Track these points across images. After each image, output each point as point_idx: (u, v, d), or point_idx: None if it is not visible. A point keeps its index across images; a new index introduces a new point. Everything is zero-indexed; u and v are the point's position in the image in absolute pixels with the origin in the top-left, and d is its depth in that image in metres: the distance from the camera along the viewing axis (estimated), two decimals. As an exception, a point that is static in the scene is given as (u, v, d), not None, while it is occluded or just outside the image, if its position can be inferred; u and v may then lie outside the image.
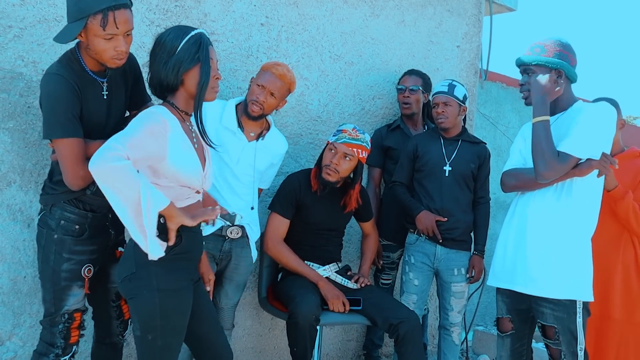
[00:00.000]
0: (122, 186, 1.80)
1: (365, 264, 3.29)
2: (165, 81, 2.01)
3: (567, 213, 2.44)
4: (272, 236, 3.02)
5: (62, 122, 2.04)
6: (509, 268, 2.54)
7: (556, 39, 2.53)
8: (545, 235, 2.45)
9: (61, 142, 2.06)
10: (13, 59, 2.50)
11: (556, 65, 2.48)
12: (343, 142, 2.96)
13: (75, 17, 2.00)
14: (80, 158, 2.06)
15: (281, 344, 3.51)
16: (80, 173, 2.06)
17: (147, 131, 1.90)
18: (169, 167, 1.96)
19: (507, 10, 4.77)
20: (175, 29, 2.04)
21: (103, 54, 2.06)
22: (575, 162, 2.38)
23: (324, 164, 3.00)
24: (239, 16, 3.17)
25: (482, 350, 4.39)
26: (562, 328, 2.42)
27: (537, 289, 2.45)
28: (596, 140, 2.39)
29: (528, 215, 2.51)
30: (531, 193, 2.52)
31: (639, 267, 2.92)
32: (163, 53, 2.00)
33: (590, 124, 2.39)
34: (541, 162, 2.39)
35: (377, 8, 3.75)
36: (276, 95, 2.79)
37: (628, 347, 2.88)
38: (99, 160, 1.78)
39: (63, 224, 2.20)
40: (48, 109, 2.07)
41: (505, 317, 2.63)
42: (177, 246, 2.00)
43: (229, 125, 2.82)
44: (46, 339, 2.24)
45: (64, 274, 2.19)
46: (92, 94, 2.16)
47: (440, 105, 3.23)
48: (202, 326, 2.16)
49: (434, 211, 3.22)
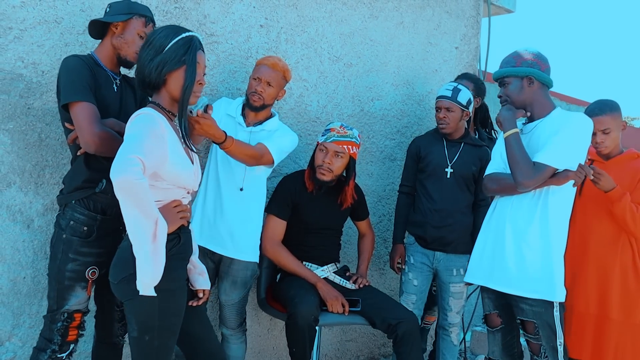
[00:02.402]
0: (143, 205, 1.82)
1: (362, 264, 3.31)
2: (147, 78, 2.03)
3: (543, 217, 2.57)
4: (270, 238, 3.02)
5: (78, 88, 2.22)
6: (487, 266, 2.68)
7: (523, 49, 2.70)
8: (522, 236, 2.58)
9: (78, 105, 2.21)
10: (13, 61, 2.51)
11: (525, 73, 2.63)
12: (333, 141, 2.99)
13: (123, 12, 2.36)
14: (95, 119, 2.21)
15: (280, 344, 3.52)
16: (96, 131, 2.18)
17: (153, 136, 1.90)
18: (170, 169, 1.97)
19: (505, 12, 4.78)
20: (167, 28, 2.05)
21: (132, 45, 2.37)
22: (552, 172, 2.52)
23: (317, 165, 3.03)
24: (239, 18, 3.18)
25: (480, 351, 4.40)
26: (541, 323, 2.56)
27: (513, 288, 2.59)
28: (573, 152, 2.53)
29: (507, 216, 2.64)
30: (508, 198, 2.67)
31: (636, 268, 2.92)
32: (151, 50, 2.02)
33: (568, 136, 2.52)
34: (519, 173, 2.52)
35: (376, 10, 3.76)
36: (273, 84, 2.86)
37: (626, 348, 2.89)
38: (122, 172, 1.77)
39: (72, 225, 2.26)
40: (66, 79, 2.25)
41: (493, 313, 2.76)
42: (176, 246, 2.01)
43: (232, 113, 2.92)
44: (45, 334, 2.29)
45: (68, 274, 2.25)
46: (104, 82, 2.36)
47: (443, 110, 3.23)
48: (193, 325, 2.17)
49: (434, 212, 3.24)
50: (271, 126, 2.92)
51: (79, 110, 2.20)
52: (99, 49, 2.41)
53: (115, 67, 2.43)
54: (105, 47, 2.39)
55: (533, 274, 2.55)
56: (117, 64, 2.42)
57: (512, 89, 2.66)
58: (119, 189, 1.79)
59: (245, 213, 2.87)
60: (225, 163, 2.84)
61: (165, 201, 2.01)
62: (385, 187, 3.89)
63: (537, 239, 2.57)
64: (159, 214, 1.87)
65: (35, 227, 2.61)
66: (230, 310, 2.91)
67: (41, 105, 2.58)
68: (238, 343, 2.97)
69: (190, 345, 2.19)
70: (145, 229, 1.84)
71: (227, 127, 2.83)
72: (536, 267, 2.56)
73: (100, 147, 2.19)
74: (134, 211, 1.82)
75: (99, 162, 2.27)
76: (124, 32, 2.36)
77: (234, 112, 2.93)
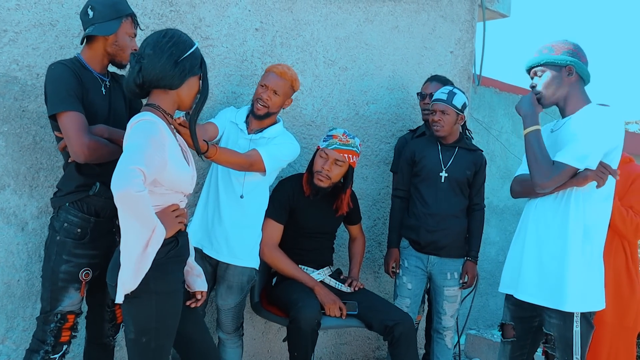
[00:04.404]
0: (143, 216, 1.82)
1: (354, 268, 3.33)
2: (166, 79, 2.00)
3: (563, 221, 2.41)
4: (267, 242, 3.02)
5: (65, 97, 2.21)
6: (515, 275, 2.55)
7: (564, 39, 2.50)
8: (541, 243, 2.45)
9: (65, 115, 2.20)
10: (8, 63, 2.51)
11: (566, 62, 2.42)
12: (334, 148, 2.99)
13: (111, 17, 2.33)
14: (83, 128, 2.19)
15: (274, 347, 3.52)
16: (84, 141, 2.18)
17: (153, 144, 1.89)
18: (169, 175, 1.98)
19: (500, 16, 4.81)
20: (183, 34, 2.06)
21: (126, 49, 2.36)
22: (572, 172, 2.35)
23: (316, 170, 3.02)
24: (234, 21, 3.18)
25: (475, 354, 4.41)
26: (558, 335, 2.42)
27: (527, 295, 2.47)
28: (591, 149, 2.32)
29: (530, 220, 2.52)
30: (533, 201, 2.53)
31: (629, 272, 2.94)
32: (177, 50, 2.00)
33: (587, 132, 2.33)
34: (537, 173, 2.37)
35: (371, 14, 3.77)
36: (279, 92, 2.85)
37: (618, 351, 2.91)
38: (124, 185, 1.77)
39: (66, 227, 2.27)
40: (51, 89, 2.24)
41: (509, 324, 2.63)
42: (173, 249, 2.01)
43: (236, 121, 2.91)
44: (38, 336, 2.30)
45: (62, 275, 2.26)
46: (92, 86, 2.34)
47: (438, 113, 3.23)
48: (187, 326, 2.18)
49: (428, 216, 3.25)
50: (271, 133, 2.90)
51: (66, 121, 2.19)
52: (87, 51, 2.38)
53: (104, 69, 2.42)
54: (94, 51, 2.36)
55: (547, 282, 2.41)
56: (105, 66, 2.41)
57: (549, 79, 2.45)
58: (120, 201, 1.78)
59: (244, 220, 2.87)
60: (224, 170, 2.84)
61: (163, 206, 2.01)
62: (380, 190, 3.90)
63: (555, 245, 2.41)
64: (158, 221, 1.88)
65: (30, 229, 2.61)
66: (226, 314, 2.91)
67: (36, 108, 2.58)
68: (234, 347, 2.96)
69: (185, 346, 2.20)
70: (139, 238, 1.84)
71: (229, 134, 2.88)
72: (550, 274, 2.40)
73: (89, 157, 2.20)
74: (132, 222, 1.83)
75: (90, 167, 2.28)
76: (118, 38, 2.35)
77: (237, 118, 2.92)
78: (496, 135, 5.30)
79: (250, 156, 2.69)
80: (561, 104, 2.49)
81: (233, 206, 2.84)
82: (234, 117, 2.94)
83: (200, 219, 2.89)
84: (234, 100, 3.19)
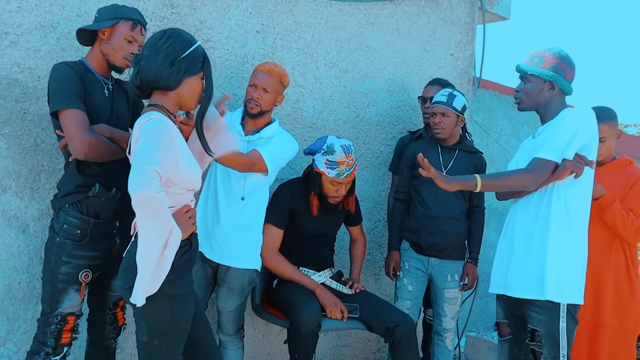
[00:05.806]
0: (161, 218, 1.82)
1: (355, 269, 3.34)
2: (162, 80, 1.99)
3: (545, 215, 2.52)
4: (268, 247, 3.02)
5: (67, 96, 2.22)
6: (503, 274, 2.63)
7: (556, 50, 2.61)
8: (527, 239, 2.56)
9: (67, 112, 2.21)
10: (9, 65, 2.51)
11: (549, 77, 2.58)
12: (346, 177, 3.00)
13: (109, 17, 2.35)
14: (84, 125, 2.20)
15: (275, 349, 3.52)
16: (85, 138, 2.18)
17: (165, 143, 1.89)
18: (181, 173, 1.97)
19: (500, 19, 4.81)
20: (185, 33, 2.04)
21: (120, 50, 2.36)
22: (552, 166, 2.46)
23: (328, 194, 3.04)
24: (235, 23, 3.19)
25: (475, 356, 4.41)
26: (545, 331, 2.48)
27: (517, 291, 2.55)
28: (566, 142, 2.46)
29: (517, 219, 2.62)
30: (519, 201, 2.63)
31: (629, 274, 2.94)
32: (173, 50, 1.99)
33: (561, 129, 2.48)
34: (517, 182, 2.48)
35: (371, 16, 3.78)
36: (269, 90, 2.84)
37: (619, 353, 2.91)
38: (142, 187, 1.76)
39: (65, 228, 2.27)
40: (54, 87, 2.25)
41: (503, 322, 2.72)
42: (187, 252, 2.02)
43: (232, 123, 2.90)
44: (39, 338, 2.30)
45: (61, 277, 2.26)
46: (95, 88, 2.35)
47: (438, 115, 3.24)
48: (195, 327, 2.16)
49: (429, 218, 3.25)
50: (268, 133, 2.90)
51: (67, 118, 2.20)
52: (89, 54, 2.42)
53: (106, 72, 2.43)
54: (95, 53, 2.40)
55: (529, 274, 2.51)
56: (107, 69, 2.42)
57: (532, 88, 2.61)
58: (137, 203, 1.78)
59: (245, 221, 2.87)
60: (224, 172, 2.84)
61: (177, 207, 2.01)
62: (381, 192, 3.91)
63: (538, 238, 2.52)
64: (175, 224, 1.87)
65: (31, 232, 2.61)
66: (227, 317, 2.91)
67: (37, 110, 2.58)
68: (235, 349, 2.96)
69: (191, 347, 2.19)
70: (158, 240, 1.84)
71: None
72: (533, 267, 2.50)
73: (89, 154, 2.20)
74: (151, 223, 1.82)
75: (90, 167, 2.29)
76: (111, 37, 2.36)
77: (233, 121, 2.93)
78: (496, 138, 5.30)
79: (252, 157, 2.69)
80: (541, 112, 2.64)
81: (233, 208, 2.84)
82: (229, 119, 2.93)
83: (199, 221, 2.88)
84: (235, 102, 3.19)
